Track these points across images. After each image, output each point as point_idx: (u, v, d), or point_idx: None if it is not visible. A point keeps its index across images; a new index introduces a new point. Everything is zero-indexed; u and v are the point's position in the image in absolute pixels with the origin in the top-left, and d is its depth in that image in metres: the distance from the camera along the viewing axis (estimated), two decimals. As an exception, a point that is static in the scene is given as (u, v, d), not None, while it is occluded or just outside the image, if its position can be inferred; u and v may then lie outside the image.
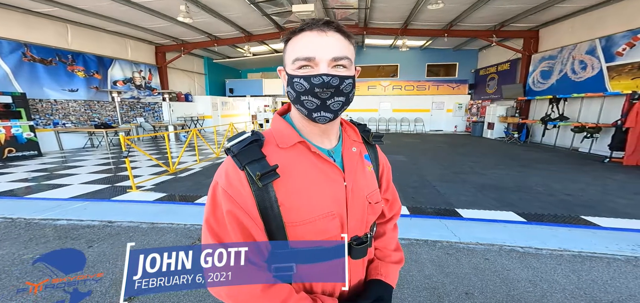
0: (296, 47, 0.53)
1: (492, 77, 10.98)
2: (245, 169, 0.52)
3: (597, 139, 6.47)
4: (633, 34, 5.93)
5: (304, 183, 0.55)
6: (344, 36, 0.54)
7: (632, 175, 4.44)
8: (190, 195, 3.73)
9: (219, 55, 14.06)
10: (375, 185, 0.66)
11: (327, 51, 0.51)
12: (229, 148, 0.56)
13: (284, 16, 8.29)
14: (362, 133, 0.70)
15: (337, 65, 0.52)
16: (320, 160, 0.58)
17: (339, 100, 0.54)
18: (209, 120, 13.20)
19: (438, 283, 1.82)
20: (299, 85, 0.53)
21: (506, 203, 3.23)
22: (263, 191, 0.51)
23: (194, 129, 6.32)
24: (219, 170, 0.56)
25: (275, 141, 0.58)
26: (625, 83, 6.16)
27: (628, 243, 2.15)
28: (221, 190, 0.53)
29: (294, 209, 0.53)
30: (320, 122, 0.55)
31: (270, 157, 0.54)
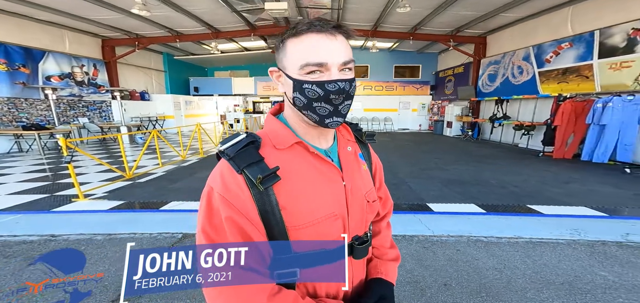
0: (302, 49, 0.50)
1: (450, 79, 12.04)
2: (243, 172, 0.49)
3: (533, 135, 7.58)
4: (558, 43, 6.98)
5: (305, 185, 0.54)
6: (348, 38, 0.54)
7: (561, 167, 5.29)
8: (153, 202, 3.42)
9: (182, 52, 12.94)
10: (371, 183, 0.67)
11: (337, 56, 0.50)
12: (222, 151, 0.53)
13: (256, 13, 7.93)
14: (355, 132, 0.70)
15: (345, 68, 0.52)
16: (319, 160, 0.57)
17: (348, 103, 0.54)
18: (171, 121, 12.17)
19: (419, 277, 1.95)
20: (311, 92, 0.50)
21: (468, 196, 3.60)
22: (264, 195, 0.49)
23: (154, 130, 5.74)
24: (213, 176, 0.53)
25: (272, 142, 0.56)
26: (552, 86, 7.25)
27: (566, 228, 2.56)
28: (217, 195, 0.50)
29: (296, 212, 0.52)
30: (332, 127, 0.54)
31: (268, 159, 0.52)
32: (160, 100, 12.16)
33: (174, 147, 6.84)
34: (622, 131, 5.19)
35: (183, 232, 2.66)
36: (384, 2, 7.34)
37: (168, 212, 3.18)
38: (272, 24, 9.28)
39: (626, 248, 2.17)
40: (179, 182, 4.46)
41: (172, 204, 3.39)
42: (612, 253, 2.09)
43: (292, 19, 8.93)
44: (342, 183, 0.58)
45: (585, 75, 6.40)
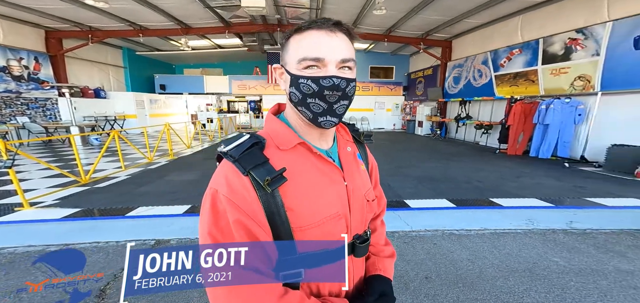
0: (302, 45, 0.51)
1: (420, 80, 12.75)
2: (249, 174, 0.49)
3: (490, 134, 8.41)
4: (510, 49, 7.76)
5: (309, 186, 0.55)
6: (350, 38, 0.54)
7: (514, 163, 5.95)
8: (117, 208, 3.18)
9: (145, 47, 11.90)
10: (369, 183, 0.69)
11: (336, 52, 0.51)
12: (226, 152, 0.53)
13: (231, 10, 7.55)
14: (352, 132, 0.71)
15: (343, 66, 0.52)
16: (321, 161, 0.58)
17: (344, 104, 0.54)
18: (133, 121, 11.15)
19: (402, 271, 2.07)
20: (306, 86, 0.51)
21: (439, 192, 3.88)
22: (270, 197, 0.50)
23: (114, 131, 5.22)
24: (216, 178, 0.52)
25: (274, 143, 0.56)
26: (506, 89, 8.07)
27: (522, 219, 2.90)
28: (223, 198, 0.49)
29: (302, 213, 0.52)
30: (325, 126, 0.54)
31: (272, 160, 0.52)
32: (119, 99, 11.09)
33: (138, 149, 6.27)
34: (562, 130, 6.01)
35: (156, 238, 2.50)
36: (361, 4, 7.50)
37: (136, 218, 2.97)
38: (248, 21, 8.92)
39: (571, 235, 2.53)
40: (147, 186, 4.16)
41: (140, 210, 3.17)
42: (560, 240, 2.43)
43: (270, 17, 8.68)
44: (343, 184, 0.59)
45: (532, 80, 7.25)
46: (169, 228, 2.72)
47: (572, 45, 6.14)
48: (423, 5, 7.28)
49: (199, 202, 3.41)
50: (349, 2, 7.44)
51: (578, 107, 5.87)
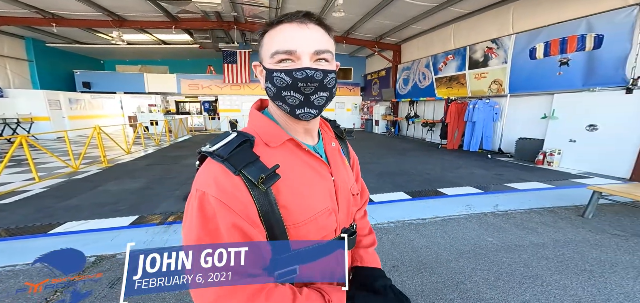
0: (275, 39, 0.52)
1: (376, 81, 13.56)
2: (241, 174, 0.48)
3: (433, 131, 9.58)
4: (446, 55, 8.83)
5: (301, 182, 0.55)
6: (324, 29, 0.54)
7: (453, 156, 6.93)
8: (35, 226, 2.75)
9: (59, 38, 9.73)
10: (353, 177, 0.72)
11: (308, 44, 0.50)
12: (213, 151, 0.50)
13: (178, 4, 6.68)
14: (335, 129, 0.73)
15: (319, 58, 0.52)
16: (310, 157, 0.59)
17: (323, 95, 0.53)
18: (45, 124, 9.12)
19: (371, 265, 2.27)
20: (279, 80, 0.51)
21: (397, 185, 4.29)
22: (263, 196, 0.49)
23: (21, 136, 4.24)
24: (202, 179, 0.49)
25: (263, 140, 0.56)
26: (444, 90, 9.20)
27: (462, 205, 3.45)
28: (214, 200, 0.46)
29: (295, 210, 0.53)
30: (304, 119, 0.54)
31: (263, 158, 0.52)
32: (23, 97, 9.02)
33: (57, 157, 5.17)
34: (484, 126, 7.25)
35: (96, 255, 2.23)
36: (321, 5, 7.58)
37: (63, 235, 2.60)
38: (200, 17, 8.08)
39: (498, 216, 3.13)
40: (75, 198, 3.58)
41: (69, 225, 2.77)
42: (491, 222, 2.98)
43: (225, 14, 8.03)
44: (331, 179, 0.61)
45: (462, 82, 8.44)
46: (112, 241, 2.47)
47: (489, 53, 7.32)
48: (376, 11, 7.76)
49: (149, 212, 3.16)
50: (308, 3, 7.44)
51: (495, 107, 7.15)
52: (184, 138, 10.54)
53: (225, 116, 13.04)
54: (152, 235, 2.62)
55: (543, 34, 5.97)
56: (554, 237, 2.65)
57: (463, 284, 1.97)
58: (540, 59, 6.08)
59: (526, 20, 6.34)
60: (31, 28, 8.44)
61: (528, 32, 6.29)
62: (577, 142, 5.43)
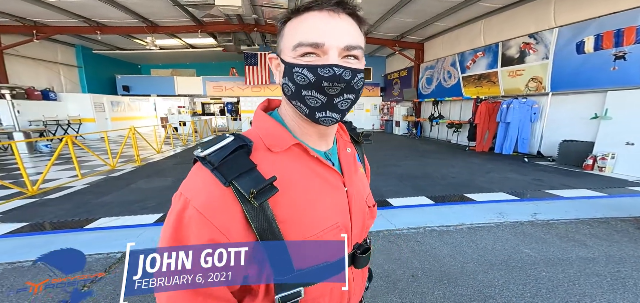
0: (299, 29, 0.44)
1: (396, 81, 13.18)
2: (232, 185, 0.41)
3: (460, 132, 9.00)
4: (475, 52, 8.32)
5: (306, 194, 0.48)
6: (358, 22, 0.47)
7: (483, 159, 6.42)
8: (74, 221, 2.91)
9: (104, 46, 10.80)
10: (368, 187, 0.65)
11: (339, 37, 0.44)
12: (204, 157, 0.44)
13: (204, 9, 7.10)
14: (350, 131, 0.65)
15: (349, 55, 0.45)
16: (319, 165, 0.51)
17: (349, 98, 0.47)
18: (91, 125, 10.14)
19: (389, 271, 2.10)
20: (300, 76, 0.44)
21: (419, 189, 4.04)
22: (258, 210, 0.42)
23: (67, 136, 4.69)
24: (191, 184, 0.44)
25: (265, 144, 0.49)
26: (472, 90, 8.65)
27: (494, 212, 3.12)
28: (194, 212, 0.41)
29: (297, 226, 0.46)
30: (324, 123, 0.47)
31: (261, 166, 0.45)
32: (73, 101, 10.01)
33: (98, 155, 5.67)
34: (520, 128, 6.62)
35: (123, 251, 2.30)
36: (339, 5, 7.55)
37: (97, 230, 2.74)
38: (223, 21, 8.50)
39: (536, 226, 2.78)
40: (110, 195, 3.82)
41: (103, 221, 2.92)
42: (528, 232, 2.65)
43: (246, 17, 8.35)
44: (343, 189, 0.54)
45: (493, 81, 7.86)
46: (137, 239, 2.55)
47: (526, 49, 6.74)
48: (396, 9, 7.52)
49: None
50: (327, 2, 7.45)
51: (533, 106, 6.50)
52: (208, 138, 11.06)
53: (246, 117, 13.49)
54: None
55: (593, 26, 5.33)
56: (607, 251, 2.28)
57: (493, 299, 1.74)
58: (589, 53, 5.42)
59: (571, 13, 5.73)
60: (80, 36, 9.44)
61: (574, 24, 5.67)
62: (635, 145, 4.71)
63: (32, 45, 8.48)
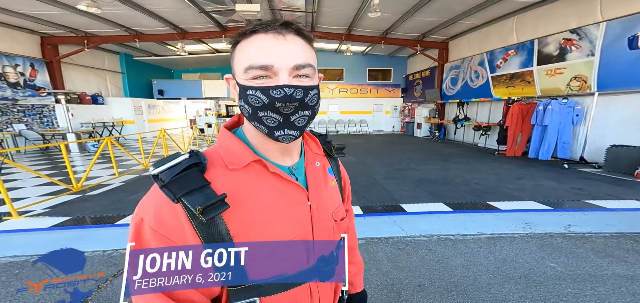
0: (248, 52, 0.46)
1: (418, 82, 12.72)
2: (180, 201, 0.42)
3: (489, 135, 8.36)
4: (506, 50, 7.73)
5: (262, 210, 0.48)
6: (305, 40, 0.48)
7: (513, 165, 5.88)
8: (108, 217, 3.14)
9: (143, 52, 11.91)
10: (339, 200, 0.63)
11: (287, 58, 0.45)
12: (156, 175, 0.44)
13: (226, 15, 7.58)
14: (324, 145, 0.66)
15: (299, 74, 0.46)
16: (280, 180, 0.52)
17: (304, 115, 0.48)
18: (131, 126, 11.18)
19: (394, 279, 2.00)
20: (254, 99, 0.45)
21: (437, 195, 3.82)
22: (211, 226, 0.43)
23: (107, 137, 5.21)
24: (144, 203, 0.45)
25: (224, 161, 0.50)
26: (503, 90, 8.03)
27: (520, 222, 2.83)
28: (149, 229, 0.42)
29: (250, 241, 0.46)
30: (284, 141, 0.48)
31: (216, 183, 0.45)
32: (117, 104, 11.13)
33: (133, 155, 6.24)
34: (560, 131, 5.96)
35: None
36: (356, 7, 7.50)
37: (127, 226, 2.93)
38: (244, 25, 8.93)
39: (569, 239, 2.46)
40: (140, 193, 4.14)
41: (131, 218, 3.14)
42: (558, 245, 2.36)
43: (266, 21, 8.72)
44: (306, 203, 0.53)
45: (528, 80, 7.20)
46: None
47: (567, 45, 6.11)
48: (418, 7, 7.28)
49: None
50: (344, 4, 7.43)
51: (575, 108, 5.82)
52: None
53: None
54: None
55: (648, 19, 4.67)
56: (655, 271, 1.94)
57: (505, 316, 1.57)
58: (645, 49, 4.76)
59: (621, 6, 5.10)
60: (123, 44, 10.50)
61: (625, 18, 5.03)
62: None
63: (84, 54, 9.59)
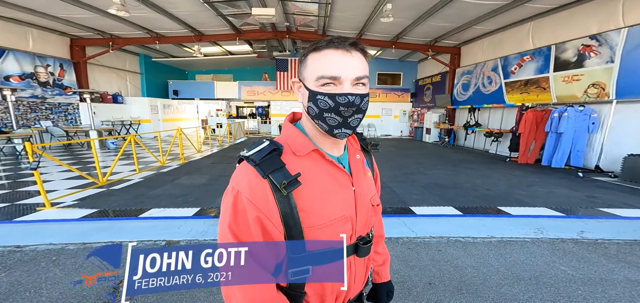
0: (321, 63, 0.56)
1: (428, 87, 12.63)
2: (268, 178, 0.54)
3: (500, 142, 8.23)
4: (521, 56, 7.63)
5: (321, 189, 0.59)
6: (364, 56, 0.59)
7: (525, 172, 5.81)
8: (131, 210, 3.30)
9: (161, 54, 12.41)
10: (374, 189, 0.74)
11: (351, 71, 0.55)
12: (248, 156, 0.57)
13: (242, 18, 7.85)
14: (361, 141, 0.76)
15: (358, 83, 0.57)
16: (333, 167, 0.62)
17: (358, 117, 0.58)
18: (147, 125, 11.58)
19: (405, 277, 2.07)
20: (323, 102, 0.56)
21: (447, 199, 3.84)
22: (285, 199, 0.54)
23: (131, 135, 5.46)
24: (238, 178, 0.57)
25: (291, 149, 0.61)
26: (516, 96, 7.92)
27: (531, 227, 2.84)
28: (245, 199, 0.54)
29: (313, 214, 0.57)
30: (340, 137, 0.59)
31: (289, 165, 0.57)
32: (135, 104, 11.56)
33: (152, 153, 6.51)
34: (575, 139, 5.83)
35: (166, 239, 2.59)
36: (369, 12, 7.59)
37: (148, 219, 3.08)
38: (258, 29, 9.22)
39: (581, 244, 2.47)
40: (159, 189, 4.29)
41: (152, 212, 3.28)
42: (569, 250, 2.37)
43: (279, 24, 8.93)
44: (352, 189, 0.64)
45: (543, 87, 7.09)
46: (178, 230, 2.79)
47: (586, 51, 6.00)
48: (431, 13, 7.30)
49: (208, 205, 3.54)
50: (356, 9, 7.53)
51: (592, 116, 5.70)
52: (240, 140, 11.88)
53: (276, 121, 14.06)
54: (208, 227, 2.88)
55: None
56: (671, 279, 1.93)
57: (515, 314, 1.62)
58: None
59: None
60: (143, 46, 11.03)
61: None
62: None
63: (108, 55, 10.11)
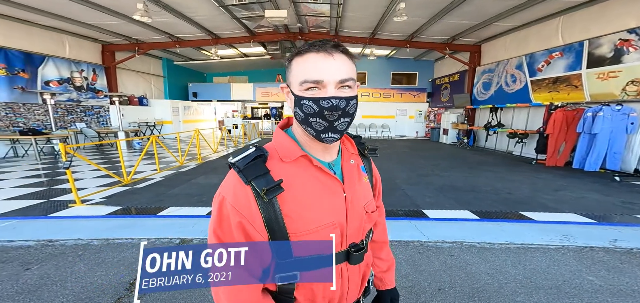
0: (303, 68, 0.55)
1: (446, 86, 12.18)
2: (250, 184, 0.54)
3: (526, 143, 7.72)
4: (549, 53, 7.16)
5: (307, 195, 0.58)
6: (348, 58, 0.57)
7: (553, 175, 5.39)
8: (151, 208, 3.45)
9: (181, 57, 13.08)
10: (370, 195, 0.72)
11: (334, 74, 0.54)
12: (233, 163, 0.58)
13: (255, 21, 8.09)
14: (358, 145, 0.74)
15: (343, 86, 0.55)
16: (321, 173, 0.61)
17: (345, 120, 0.57)
18: (169, 126, 12.22)
19: (414, 282, 1.99)
20: (307, 107, 0.55)
21: (462, 202, 3.66)
22: (268, 204, 0.54)
23: (153, 136, 5.77)
24: (225, 185, 0.59)
25: (278, 155, 0.61)
26: (544, 95, 7.42)
27: (556, 234, 2.63)
28: (229, 205, 0.55)
29: (298, 220, 0.56)
30: (327, 142, 0.57)
31: (274, 171, 0.57)
32: (158, 106, 12.24)
33: (172, 153, 6.85)
34: (612, 140, 5.33)
35: (181, 238, 2.68)
36: (381, 11, 7.50)
37: (166, 217, 3.20)
38: (271, 31, 9.44)
39: (613, 253, 2.24)
40: (177, 188, 4.46)
41: (170, 210, 3.41)
42: (599, 259, 2.16)
43: (292, 26, 9.08)
44: (342, 194, 0.63)
45: (575, 85, 6.58)
46: (193, 228, 2.87)
47: (624, 46, 5.51)
48: (447, 11, 7.06)
49: None
50: (368, 9, 7.47)
51: (631, 115, 5.18)
52: (255, 140, 12.17)
53: (287, 121, 14.28)
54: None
55: None
56: None
57: (532, 325, 1.50)
58: None
59: None
60: (165, 50, 11.70)
61: None
62: None
63: (134, 60, 10.84)
